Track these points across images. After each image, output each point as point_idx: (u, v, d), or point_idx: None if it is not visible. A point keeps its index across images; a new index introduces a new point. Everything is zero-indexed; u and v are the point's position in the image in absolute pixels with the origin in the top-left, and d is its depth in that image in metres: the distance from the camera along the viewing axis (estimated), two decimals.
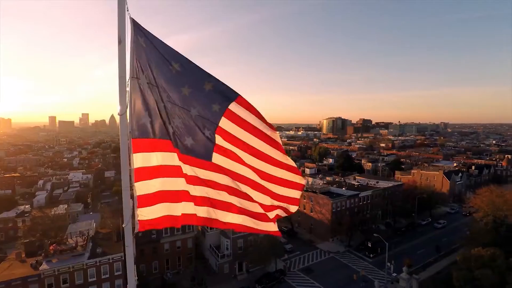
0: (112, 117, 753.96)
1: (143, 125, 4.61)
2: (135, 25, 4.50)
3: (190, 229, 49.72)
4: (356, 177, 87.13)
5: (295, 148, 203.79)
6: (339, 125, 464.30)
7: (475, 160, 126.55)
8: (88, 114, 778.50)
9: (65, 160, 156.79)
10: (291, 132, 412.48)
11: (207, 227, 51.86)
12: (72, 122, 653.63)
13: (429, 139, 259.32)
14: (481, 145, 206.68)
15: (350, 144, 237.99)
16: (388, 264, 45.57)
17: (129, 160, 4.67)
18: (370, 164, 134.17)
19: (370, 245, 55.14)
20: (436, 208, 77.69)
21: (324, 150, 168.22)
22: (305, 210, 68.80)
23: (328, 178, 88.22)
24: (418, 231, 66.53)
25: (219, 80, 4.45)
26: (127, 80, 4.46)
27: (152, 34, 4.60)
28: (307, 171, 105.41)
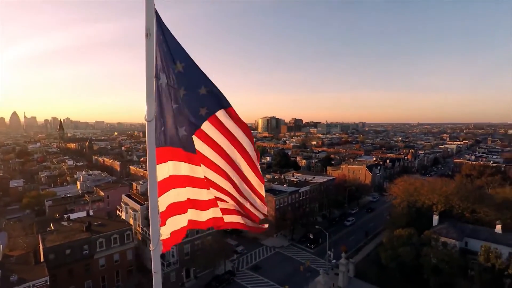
0: (15, 114, 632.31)
1: (164, 132, 4.31)
2: (158, 16, 4.01)
3: (130, 239, 45.04)
4: (295, 173, 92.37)
5: None
6: (274, 124, 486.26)
7: (388, 155, 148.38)
8: None
9: None
10: None
11: (149, 236, 47.82)
12: None
13: (351, 137, 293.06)
14: (391, 141, 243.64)
15: (285, 142, 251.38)
16: (329, 252, 49.65)
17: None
18: (304, 161, 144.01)
19: (311, 237, 59.09)
20: (362, 198, 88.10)
21: (262, 149, 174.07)
22: None
23: (268, 176, 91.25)
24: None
25: (215, 87, 4.38)
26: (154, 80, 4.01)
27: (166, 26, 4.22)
28: None
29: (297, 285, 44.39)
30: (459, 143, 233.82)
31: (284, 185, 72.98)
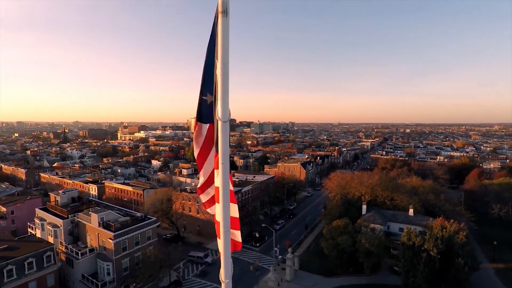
0: None
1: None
2: None
3: (51, 261, 37.59)
4: (235, 173, 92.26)
5: (167, 148, 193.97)
6: None
7: (318, 152, 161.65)
8: None
9: None
10: (158, 132, 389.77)
11: (77, 254, 40.91)
12: None
13: (283, 136, 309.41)
14: (318, 139, 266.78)
15: None
16: (275, 248, 50.95)
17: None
18: (242, 160, 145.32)
19: (257, 235, 59.73)
20: (298, 193, 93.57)
21: None
22: (191, 213, 66.82)
23: None
24: (287, 215, 77.86)
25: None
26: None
27: None
28: (184, 171, 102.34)
29: (247, 285, 44.19)
30: (372, 140, 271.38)
31: None
